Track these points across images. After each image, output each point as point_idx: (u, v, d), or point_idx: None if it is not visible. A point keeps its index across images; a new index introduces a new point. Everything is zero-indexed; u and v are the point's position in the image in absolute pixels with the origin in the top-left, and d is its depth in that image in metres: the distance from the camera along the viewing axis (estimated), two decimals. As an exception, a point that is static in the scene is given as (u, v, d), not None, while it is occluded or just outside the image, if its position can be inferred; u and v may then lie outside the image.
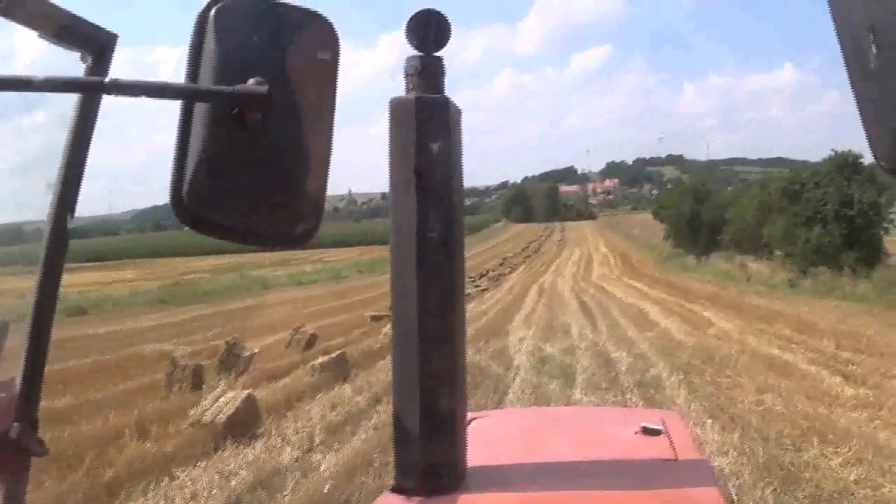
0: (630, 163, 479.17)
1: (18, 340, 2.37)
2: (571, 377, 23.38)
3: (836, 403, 18.98)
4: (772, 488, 12.81)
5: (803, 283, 57.97)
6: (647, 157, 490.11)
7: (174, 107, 1.80)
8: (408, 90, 2.96)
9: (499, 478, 3.20)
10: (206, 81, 1.75)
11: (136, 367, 26.85)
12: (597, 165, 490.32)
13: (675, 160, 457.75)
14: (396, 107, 2.92)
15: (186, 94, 1.76)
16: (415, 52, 2.94)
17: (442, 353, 2.95)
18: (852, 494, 12.88)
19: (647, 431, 3.77)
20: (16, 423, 2.31)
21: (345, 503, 13.13)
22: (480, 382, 21.59)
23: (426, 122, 2.89)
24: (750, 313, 40.49)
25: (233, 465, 15.19)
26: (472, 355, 24.94)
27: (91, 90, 2.07)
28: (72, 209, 2.33)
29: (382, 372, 25.04)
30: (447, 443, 2.98)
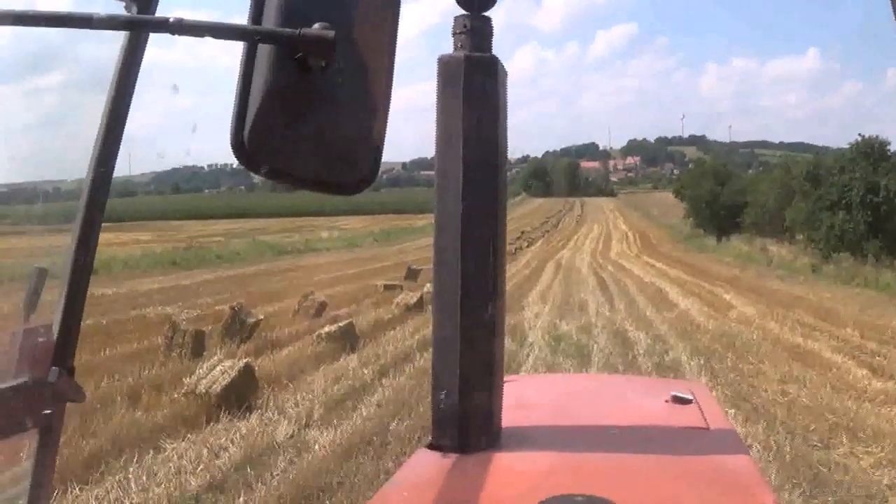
0: (652, 141, 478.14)
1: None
2: (587, 356, 22.62)
3: (864, 398, 17.98)
4: (800, 490, 11.86)
5: (826, 268, 57.05)
6: (669, 136, 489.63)
7: (194, 68, 1.87)
8: (456, 48, 3.03)
9: (532, 439, 3.31)
10: (269, 24, 1.70)
11: (137, 330, 25.88)
12: (618, 142, 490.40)
13: (696, 140, 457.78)
14: (445, 64, 2.98)
15: (251, 36, 1.71)
16: (462, 12, 3.01)
17: (482, 312, 3.08)
18: (886, 502, 11.90)
19: (677, 400, 3.84)
20: (54, 368, 2.37)
21: (337, 486, 12.22)
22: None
23: (475, 80, 2.96)
24: (770, 297, 39.71)
25: (223, 440, 14.34)
26: None
27: (156, 29, 1.83)
28: (112, 162, 2.39)
29: (391, 343, 24.40)
30: (484, 402, 3.12)
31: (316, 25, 1.67)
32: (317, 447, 14.00)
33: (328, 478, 12.48)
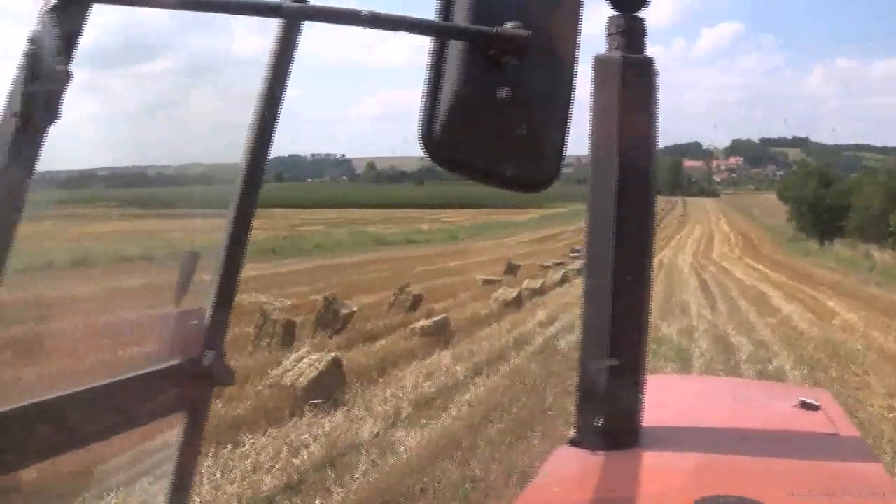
0: (755, 141, 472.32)
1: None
2: (687, 361, 21.70)
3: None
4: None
5: (931, 276, 55.15)
6: (773, 136, 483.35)
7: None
8: (610, 49, 3.06)
9: (671, 439, 3.32)
10: (459, 20, 1.72)
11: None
12: (722, 142, 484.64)
13: (800, 142, 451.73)
14: (601, 64, 3.02)
15: (446, 32, 1.75)
16: (614, 12, 3.05)
17: (632, 309, 3.16)
18: None
19: (805, 406, 3.78)
20: (208, 351, 2.40)
21: (420, 492, 11.56)
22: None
23: (632, 81, 3.00)
24: (872, 304, 38.37)
25: (305, 436, 13.71)
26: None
27: (350, 21, 1.73)
28: (267, 147, 2.42)
29: (487, 340, 23.65)
30: (630, 400, 3.17)
31: (509, 24, 1.70)
32: (401, 449, 13.35)
33: (411, 482, 11.84)
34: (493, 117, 1.74)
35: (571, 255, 63.62)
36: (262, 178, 2.46)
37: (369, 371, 18.52)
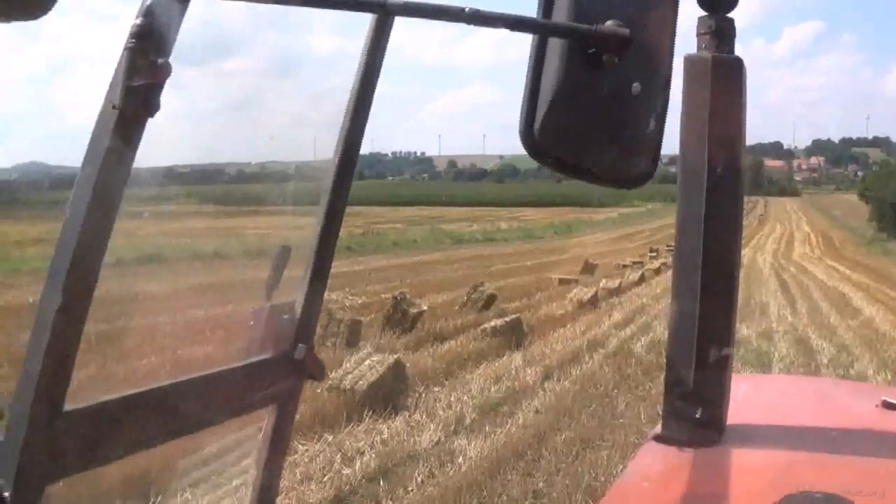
0: (836, 141, 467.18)
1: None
2: (767, 365, 20.88)
3: None
4: None
5: None
6: (854, 136, 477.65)
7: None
8: (699, 49, 3.00)
9: (756, 436, 3.29)
10: (559, 18, 1.74)
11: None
12: (803, 142, 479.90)
13: (881, 142, 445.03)
14: (692, 64, 2.98)
15: (548, 30, 1.76)
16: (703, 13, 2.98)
17: (719, 307, 3.11)
18: None
19: (889, 406, 3.61)
20: (301, 345, 2.44)
21: None
22: (658, 367, 18.64)
23: (722, 81, 2.96)
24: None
25: (362, 443, 13.13)
26: (660, 332, 22.38)
27: (451, 18, 1.74)
28: (358, 143, 2.47)
29: (560, 342, 22.92)
30: (716, 396, 3.12)
31: (608, 22, 1.72)
32: (461, 459, 12.64)
33: (469, 496, 11.10)
34: (592, 114, 1.76)
35: (650, 254, 62.95)
36: (352, 174, 2.51)
37: (435, 373, 17.91)
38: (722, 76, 2.97)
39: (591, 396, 16.63)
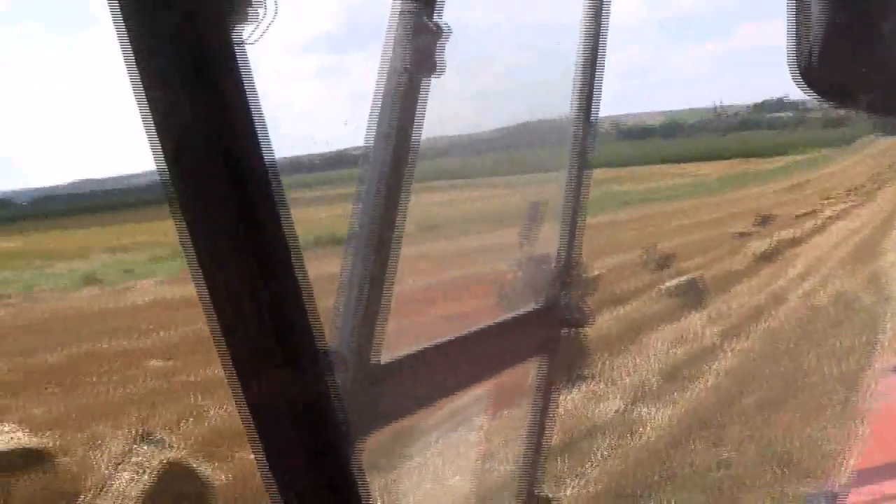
0: None
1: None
2: None
3: None
4: None
5: None
6: None
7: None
8: None
9: None
10: None
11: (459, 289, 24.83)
12: None
13: None
14: None
15: None
16: None
17: None
18: None
19: None
20: (564, 293, 2.63)
21: (663, 481, 10.47)
22: (845, 319, 17.61)
23: None
24: None
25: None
26: (845, 282, 22.04)
27: None
28: (591, 107, 2.59)
29: (742, 297, 22.35)
30: None
31: None
32: (645, 429, 12.20)
33: (650, 471, 10.72)
34: (867, 46, 1.70)
35: (823, 202, 60.86)
36: (590, 137, 2.65)
37: (613, 340, 17.44)
38: None
39: (775, 355, 15.96)
